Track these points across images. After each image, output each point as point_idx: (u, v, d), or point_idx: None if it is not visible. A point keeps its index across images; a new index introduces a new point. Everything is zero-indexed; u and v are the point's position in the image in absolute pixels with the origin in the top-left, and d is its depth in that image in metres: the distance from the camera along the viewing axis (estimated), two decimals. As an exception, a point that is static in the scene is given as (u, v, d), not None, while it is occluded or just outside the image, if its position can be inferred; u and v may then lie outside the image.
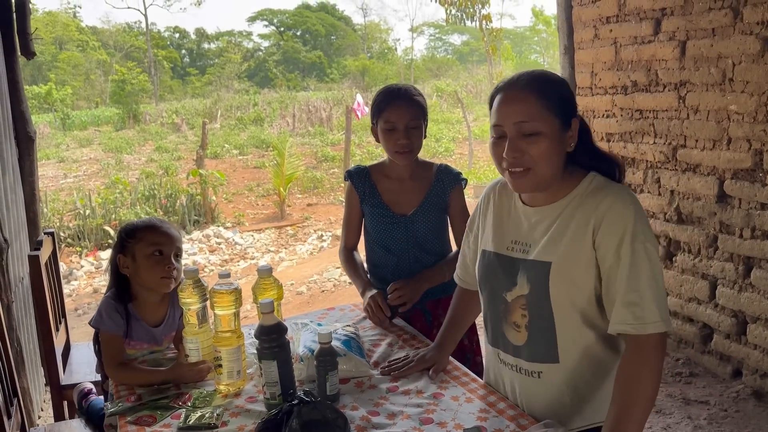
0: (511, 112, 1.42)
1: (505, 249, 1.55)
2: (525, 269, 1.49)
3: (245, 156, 17.44)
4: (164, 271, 1.87)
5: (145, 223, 1.96)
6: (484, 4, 13.05)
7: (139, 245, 1.89)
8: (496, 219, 1.61)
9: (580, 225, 1.43)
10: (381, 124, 2.14)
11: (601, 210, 1.41)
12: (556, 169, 1.45)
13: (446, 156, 16.15)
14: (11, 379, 2.18)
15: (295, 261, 9.05)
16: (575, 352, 1.47)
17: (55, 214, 10.63)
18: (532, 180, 1.44)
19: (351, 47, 40.91)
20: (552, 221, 1.47)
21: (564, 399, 1.50)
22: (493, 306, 1.58)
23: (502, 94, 1.46)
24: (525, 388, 1.55)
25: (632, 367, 1.36)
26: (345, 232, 2.34)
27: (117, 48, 36.20)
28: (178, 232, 1.99)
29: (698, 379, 3.38)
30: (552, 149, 1.42)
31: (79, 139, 20.98)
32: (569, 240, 1.43)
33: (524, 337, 1.51)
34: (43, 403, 3.46)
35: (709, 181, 3.30)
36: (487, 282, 1.59)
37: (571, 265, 1.42)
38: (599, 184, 1.46)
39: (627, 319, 1.37)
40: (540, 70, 1.50)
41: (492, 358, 1.65)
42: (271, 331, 1.58)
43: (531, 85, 1.43)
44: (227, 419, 1.58)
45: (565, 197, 1.47)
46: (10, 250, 2.93)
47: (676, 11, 3.37)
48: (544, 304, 1.45)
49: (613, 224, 1.39)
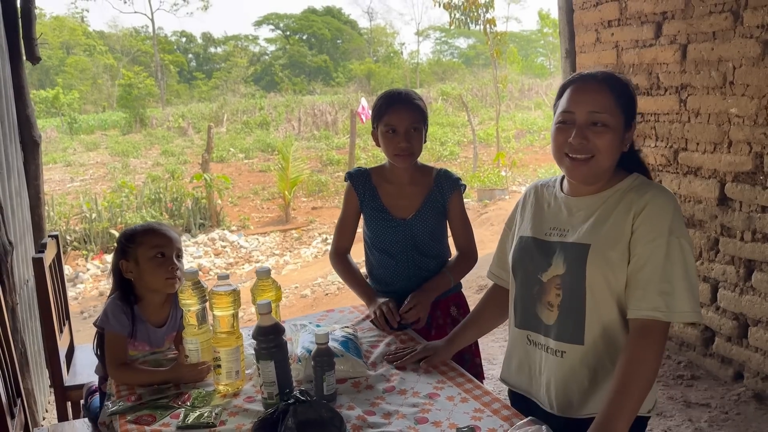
0: (586, 101, 1.50)
1: (543, 234, 1.61)
2: (562, 251, 1.55)
3: (251, 160, 17.52)
4: (168, 272, 1.91)
5: (145, 227, 1.98)
6: (489, 8, 13.06)
7: (141, 249, 1.92)
8: (535, 210, 1.68)
9: (621, 212, 1.50)
10: (381, 127, 2.16)
11: (643, 200, 1.48)
12: (612, 162, 1.54)
13: (451, 159, 16.17)
14: (15, 380, 2.20)
15: (299, 264, 9.09)
16: (600, 336, 1.52)
17: (62, 218, 10.70)
18: (592, 168, 1.51)
19: (357, 51, 41.00)
20: (593, 210, 1.55)
21: (584, 382, 1.54)
22: (526, 288, 1.63)
23: (578, 84, 1.54)
24: (549, 366, 1.59)
25: (639, 350, 1.43)
26: (338, 234, 2.32)
27: (124, 52, 36.40)
28: (177, 234, 2.02)
29: (699, 381, 3.38)
30: (614, 143, 1.50)
31: (86, 143, 21.11)
32: (610, 225, 1.50)
33: (555, 316, 1.56)
34: (48, 405, 3.49)
35: (710, 184, 3.30)
36: (522, 264, 1.64)
37: (609, 248, 1.48)
38: (642, 182, 1.55)
39: (660, 306, 1.43)
40: (612, 72, 1.58)
41: (518, 342, 1.68)
42: (268, 332, 1.60)
43: (607, 81, 1.52)
44: (226, 419, 1.60)
45: (608, 190, 1.55)
46: (15, 252, 2.96)
47: (677, 15, 3.38)
48: (579, 284, 1.50)
49: (653, 215, 1.46)
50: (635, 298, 1.46)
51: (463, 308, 2.30)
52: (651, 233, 1.45)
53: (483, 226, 8.43)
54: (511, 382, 1.73)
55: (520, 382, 1.70)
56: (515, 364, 1.70)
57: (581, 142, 1.49)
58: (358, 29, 44.60)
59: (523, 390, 1.69)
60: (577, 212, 1.57)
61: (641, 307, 1.45)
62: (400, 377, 1.78)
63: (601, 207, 1.53)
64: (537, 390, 1.63)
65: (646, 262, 1.45)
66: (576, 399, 1.55)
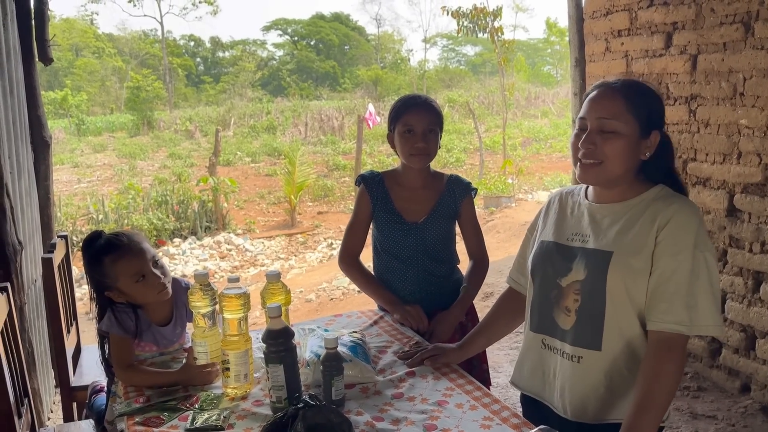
0: (597, 108, 1.53)
1: (565, 239, 1.62)
2: (584, 256, 1.55)
3: (257, 164, 17.56)
4: (156, 287, 1.88)
5: (110, 254, 1.87)
6: (496, 17, 13.09)
7: (120, 281, 1.87)
8: (559, 216, 1.68)
9: (646, 221, 1.50)
10: (399, 128, 2.17)
11: (669, 212, 1.48)
12: (625, 170, 1.53)
13: (457, 166, 16.17)
14: (22, 380, 2.21)
15: (304, 268, 9.09)
16: (618, 343, 1.52)
17: (69, 219, 10.74)
18: (600, 174, 1.54)
19: (364, 57, 41.07)
20: (618, 218, 1.55)
21: (599, 388, 1.54)
22: (544, 291, 1.63)
23: (594, 92, 1.56)
24: (563, 371, 1.58)
25: (662, 363, 1.43)
26: (349, 237, 2.31)
27: (133, 55, 36.57)
28: (139, 237, 1.93)
29: (706, 393, 3.36)
30: (625, 150, 1.51)
31: (93, 145, 21.20)
32: (634, 234, 1.50)
33: (572, 321, 1.56)
34: (53, 405, 3.49)
35: (719, 195, 3.29)
36: (542, 268, 1.65)
37: (631, 257, 1.49)
38: (668, 193, 1.55)
39: (684, 320, 1.43)
40: (638, 80, 1.60)
41: (533, 345, 1.68)
42: (278, 336, 1.60)
43: (622, 89, 1.53)
44: (234, 422, 1.60)
45: (634, 199, 1.55)
46: (24, 252, 2.97)
47: (687, 25, 3.38)
48: (599, 291, 1.51)
49: (678, 228, 1.46)
50: (659, 311, 1.46)
51: (470, 315, 2.30)
52: (676, 246, 1.46)
53: (489, 233, 8.41)
54: (522, 385, 1.73)
55: (532, 385, 1.69)
56: (528, 368, 1.70)
57: (589, 147, 1.52)
58: (365, 35, 44.70)
59: (536, 394, 1.69)
60: (602, 219, 1.57)
61: (665, 320, 1.45)
62: (408, 384, 1.77)
63: (627, 215, 1.54)
64: (550, 394, 1.63)
65: (672, 275, 1.45)
66: (591, 405, 1.55)
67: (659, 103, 1.57)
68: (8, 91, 3.12)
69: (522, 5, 37.97)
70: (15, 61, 3.32)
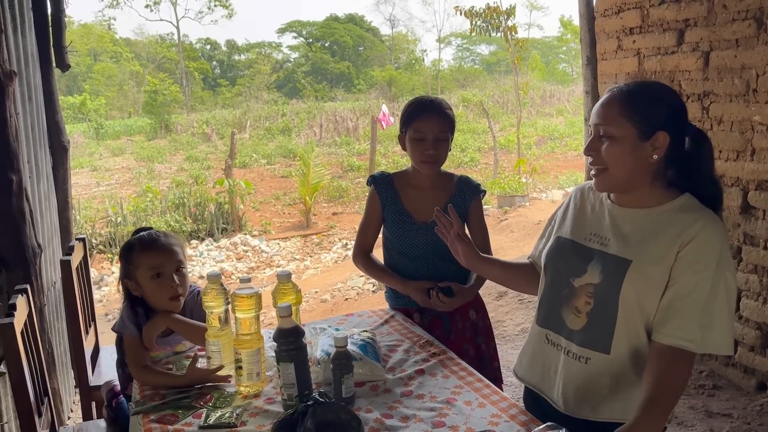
0: (597, 114, 1.54)
1: (583, 239, 1.61)
2: (601, 260, 1.54)
3: (273, 165, 17.67)
4: (169, 291, 1.92)
5: (141, 243, 1.95)
6: (510, 16, 13.04)
7: (139, 271, 1.93)
8: (579, 212, 1.68)
9: (670, 235, 1.48)
10: (410, 133, 2.19)
11: (693, 229, 1.46)
12: (631, 173, 1.52)
13: (471, 166, 16.14)
14: (43, 380, 2.26)
15: (319, 269, 9.13)
16: (627, 349, 1.52)
17: (88, 222, 10.90)
18: (606, 180, 1.54)
19: (378, 58, 41.13)
20: (641, 226, 1.53)
21: (602, 389, 1.55)
22: (554, 288, 1.64)
23: (601, 98, 1.57)
24: (567, 369, 1.59)
25: (668, 368, 1.43)
26: (362, 235, 2.36)
27: (150, 59, 36.95)
28: (176, 240, 1.99)
29: (722, 391, 3.34)
30: (624, 154, 1.50)
31: (112, 149, 21.47)
32: (655, 246, 1.49)
33: (582, 322, 1.56)
34: (72, 404, 3.56)
35: (732, 192, 3.28)
36: (555, 264, 1.65)
37: (649, 268, 1.48)
38: (694, 205, 1.52)
39: (695, 339, 1.43)
40: (648, 82, 1.59)
41: (536, 339, 1.69)
42: (288, 334, 1.63)
43: (620, 94, 1.52)
44: (246, 419, 1.63)
45: (659, 206, 1.53)
46: (43, 255, 3.03)
47: (699, 22, 3.36)
48: (613, 297, 1.50)
49: (702, 246, 1.45)
50: (672, 326, 1.45)
51: (481, 312, 2.32)
52: (698, 264, 1.44)
53: (503, 232, 8.39)
54: (520, 374, 1.75)
55: (530, 376, 1.71)
56: (527, 359, 1.72)
57: (590, 154, 1.55)
58: (379, 36, 44.76)
59: (533, 385, 1.70)
60: (623, 224, 1.56)
61: (676, 336, 1.44)
62: (418, 381, 1.80)
63: (650, 225, 1.52)
64: (549, 388, 1.65)
65: (690, 292, 1.44)
66: (592, 403, 1.56)
67: (666, 103, 1.52)
68: (27, 97, 3.19)
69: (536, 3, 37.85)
70: (33, 68, 3.39)
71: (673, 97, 1.55)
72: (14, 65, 2.86)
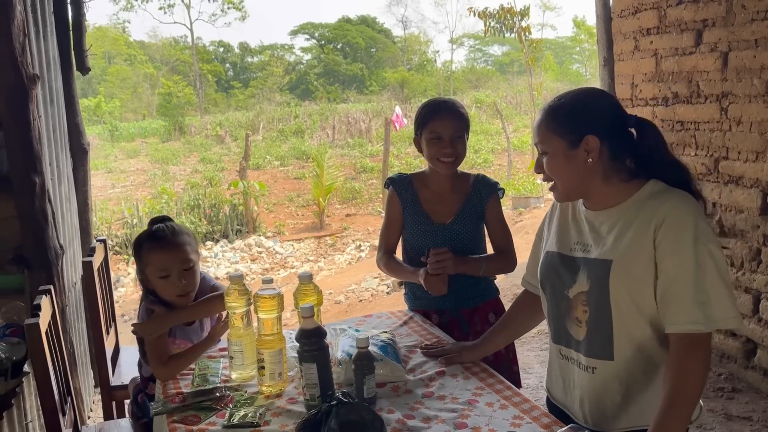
0: (534, 135, 1.63)
1: (568, 250, 1.62)
2: (586, 267, 1.55)
3: (286, 167, 17.74)
4: (176, 290, 1.94)
5: (149, 242, 1.96)
6: (524, 16, 13.02)
7: (148, 269, 1.96)
8: (560, 224, 1.69)
9: (641, 225, 1.48)
10: (426, 134, 2.19)
11: (662, 211, 1.45)
12: (575, 181, 1.55)
13: (485, 167, 16.12)
14: (66, 379, 2.29)
15: (333, 270, 9.16)
16: (630, 350, 1.51)
17: (104, 223, 11.00)
18: (558, 192, 1.60)
19: (391, 59, 41.16)
20: (613, 223, 1.53)
21: (615, 397, 1.54)
22: (555, 303, 1.65)
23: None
24: (581, 381, 1.60)
25: (685, 362, 1.40)
26: (385, 237, 2.37)
27: (164, 62, 37.23)
28: (185, 238, 1.97)
29: (741, 394, 3.31)
30: (560, 165, 1.54)
31: (126, 151, 21.66)
32: (630, 239, 1.48)
33: (584, 332, 1.57)
34: (92, 404, 3.59)
35: (752, 194, 3.25)
36: (548, 280, 1.66)
37: (631, 263, 1.47)
38: (660, 189, 1.51)
39: (698, 318, 1.40)
40: (570, 92, 1.60)
41: (553, 356, 1.70)
42: (311, 335, 1.64)
43: (545, 111, 1.58)
44: (269, 419, 1.65)
45: (626, 201, 1.53)
46: (65, 256, 3.07)
47: (717, 22, 3.34)
48: (604, 300, 1.50)
49: (675, 225, 1.44)
50: (671, 313, 1.43)
51: (500, 315, 2.30)
52: (675, 244, 1.42)
53: (518, 234, 8.38)
54: (551, 392, 1.75)
55: (556, 393, 1.71)
56: (553, 376, 1.72)
57: (539, 171, 1.60)
58: (392, 38, 44.78)
59: (559, 402, 1.70)
60: (600, 226, 1.56)
61: (679, 321, 1.42)
62: (439, 383, 1.80)
63: (621, 220, 1.52)
64: (571, 404, 1.64)
65: (677, 274, 1.42)
66: (609, 413, 1.54)
67: (587, 108, 1.54)
68: (49, 101, 3.23)
69: (549, 4, 37.68)
70: (55, 71, 3.44)
71: (596, 99, 1.57)
72: (37, 69, 2.91)
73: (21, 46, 2.65)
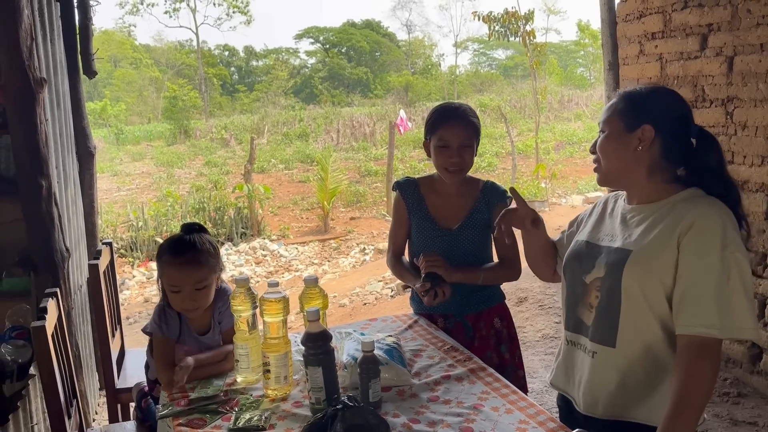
0: (602, 113, 1.67)
1: (597, 239, 1.66)
2: (607, 255, 1.58)
3: (291, 170, 17.76)
4: (184, 305, 1.94)
5: (169, 254, 1.94)
6: (528, 20, 13.02)
7: (163, 278, 1.97)
8: (599, 217, 1.72)
9: (669, 224, 1.50)
10: (434, 140, 2.18)
11: (692, 214, 1.47)
12: (620, 165, 1.58)
13: (489, 171, 16.09)
14: (71, 382, 2.30)
15: (337, 274, 9.16)
16: (635, 343, 1.52)
17: (109, 226, 11.03)
18: (600, 173, 1.63)
19: (395, 63, 41.18)
20: (644, 218, 1.56)
21: (609, 384, 1.55)
22: (572, 289, 1.68)
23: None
24: (582, 366, 1.62)
25: (696, 366, 1.40)
26: (393, 241, 2.38)
27: (169, 65, 37.31)
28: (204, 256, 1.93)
29: (746, 399, 3.30)
30: (611, 145, 1.58)
31: (132, 154, 21.71)
32: (655, 235, 1.51)
33: (593, 317, 1.59)
34: (97, 407, 3.60)
35: (757, 198, 3.24)
36: (571, 266, 1.69)
37: (650, 257, 1.49)
38: (698, 195, 1.53)
39: (715, 323, 1.40)
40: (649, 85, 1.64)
41: (564, 342, 1.72)
42: (317, 338, 1.65)
43: (620, 94, 1.63)
44: (275, 422, 1.65)
45: (662, 200, 1.56)
46: (71, 259, 3.08)
47: (723, 27, 3.34)
48: (615, 288, 1.52)
49: (704, 229, 1.45)
50: (687, 314, 1.43)
51: (506, 320, 2.31)
52: (702, 248, 1.43)
53: (522, 238, 8.36)
54: (553, 381, 1.76)
55: (557, 380, 1.73)
56: (558, 363, 1.75)
57: (592, 150, 1.65)
58: (396, 42, 44.80)
59: (560, 388, 1.73)
60: (630, 219, 1.60)
61: (695, 324, 1.41)
62: (444, 387, 1.80)
63: (653, 216, 1.54)
64: (572, 388, 1.67)
65: (700, 277, 1.42)
66: (602, 400, 1.57)
67: (658, 101, 1.57)
68: (55, 104, 3.25)
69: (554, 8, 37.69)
70: (61, 75, 3.45)
71: (671, 98, 1.59)
72: (44, 73, 2.92)
73: (28, 50, 2.67)
